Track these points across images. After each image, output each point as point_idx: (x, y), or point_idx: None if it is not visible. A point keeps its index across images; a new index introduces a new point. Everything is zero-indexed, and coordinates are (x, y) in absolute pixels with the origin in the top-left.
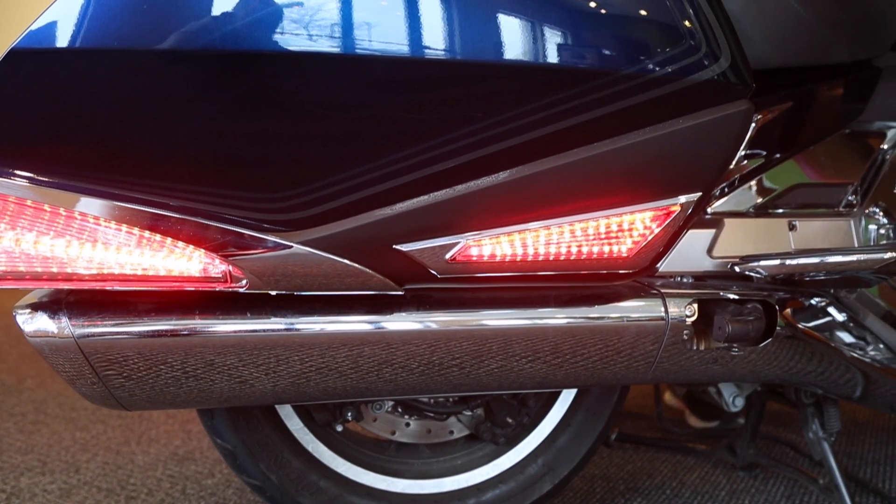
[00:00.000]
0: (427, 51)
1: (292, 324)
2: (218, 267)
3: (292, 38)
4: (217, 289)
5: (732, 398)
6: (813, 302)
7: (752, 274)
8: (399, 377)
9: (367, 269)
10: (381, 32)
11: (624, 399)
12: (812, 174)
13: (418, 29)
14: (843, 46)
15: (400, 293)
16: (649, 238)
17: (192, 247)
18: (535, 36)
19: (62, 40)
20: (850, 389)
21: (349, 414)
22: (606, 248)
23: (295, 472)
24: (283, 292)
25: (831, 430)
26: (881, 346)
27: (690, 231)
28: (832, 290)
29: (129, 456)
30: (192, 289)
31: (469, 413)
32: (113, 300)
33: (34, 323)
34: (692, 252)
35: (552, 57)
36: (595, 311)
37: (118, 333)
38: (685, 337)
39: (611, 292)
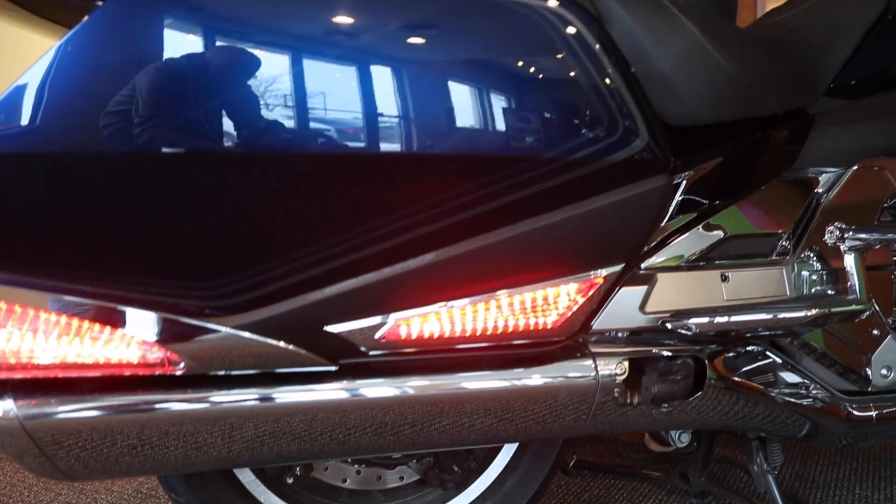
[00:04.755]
0: (349, 144)
1: (243, 395)
2: (155, 352)
3: (219, 136)
4: (156, 373)
5: (678, 434)
6: (747, 350)
7: (682, 331)
8: (352, 438)
9: (300, 350)
10: (300, 128)
11: (569, 443)
12: (745, 225)
13: (338, 122)
14: (773, 98)
15: (334, 369)
16: (574, 308)
17: (129, 334)
18: (455, 125)
19: None
20: (793, 431)
21: (297, 469)
22: (533, 321)
23: None
24: (222, 373)
25: (775, 464)
26: (820, 387)
27: (624, 288)
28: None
29: (93, 494)
30: (131, 374)
31: (417, 462)
32: (57, 381)
33: None
34: (625, 308)
35: (472, 145)
36: (527, 374)
37: (63, 413)
38: (616, 394)
39: (543, 354)
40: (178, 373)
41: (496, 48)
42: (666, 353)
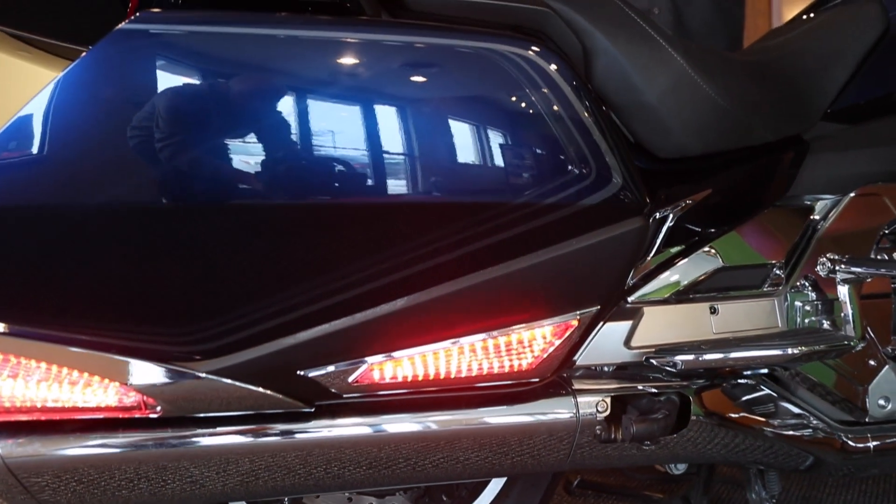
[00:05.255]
0: (323, 190)
1: (233, 433)
2: (132, 396)
3: (195, 187)
4: (134, 416)
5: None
6: (738, 383)
7: (667, 368)
8: (347, 472)
9: (274, 393)
10: (274, 177)
11: (562, 472)
12: (736, 256)
13: (312, 169)
14: (766, 127)
15: (309, 410)
16: (550, 350)
17: (106, 379)
18: (428, 171)
19: None
20: (793, 463)
21: (285, 500)
22: (508, 363)
23: None
24: (198, 415)
25: (773, 493)
26: (816, 418)
27: (609, 323)
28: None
29: None
30: (109, 417)
31: (409, 491)
32: (40, 423)
33: None
34: (610, 344)
35: (445, 190)
36: (506, 412)
37: (45, 453)
38: (598, 432)
39: (523, 392)
40: (154, 416)
41: (467, 95)
42: (650, 390)
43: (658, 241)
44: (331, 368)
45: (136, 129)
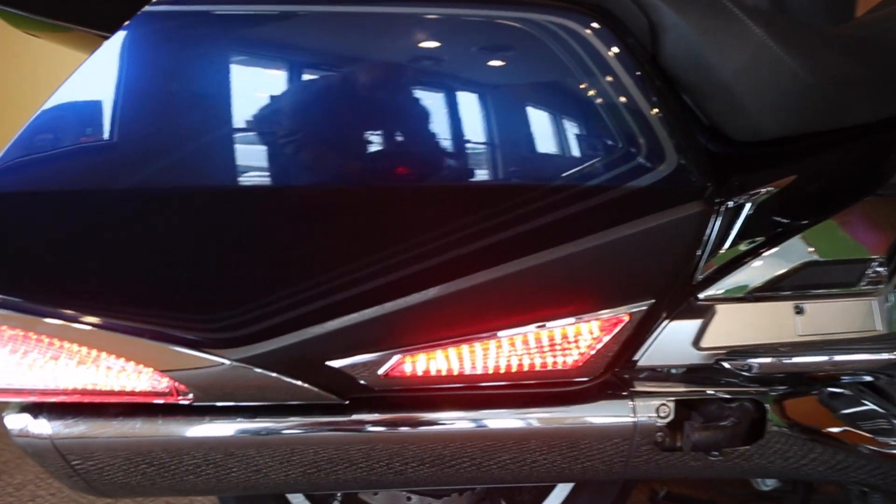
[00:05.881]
0: (361, 175)
1: (298, 424)
2: (164, 383)
3: (218, 173)
4: (165, 402)
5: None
6: (827, 392)
7: (741, 372)
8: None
9: (303, 384)
10: (301, 161)
11: (634, 481)
12: (827, 250)
13: (346, 153)
14: (862, 106)
15: (343, 403)
16: (598, 347)
17: (141, 365)
18: (464, 153)
19: (13, 184)
20: None
21: (338, 494)
22: (551, 360)
23: None
24: (230, 404)
25: None
26: None
27: (676, 321)
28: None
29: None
30: (143, 401)
31: (468, 492)
32: (87, 406)
33: (17, 425)
34: (676, 343)
35: (483, 172)
36: (556, 413)
37: (89, 434)
38: (658, 439)
39: (576, 392)
40: (186, 402)
41: (514, 71)
42: (720, 395)
43: (733, 232)
44: (359, 359)
45: (166, 112)
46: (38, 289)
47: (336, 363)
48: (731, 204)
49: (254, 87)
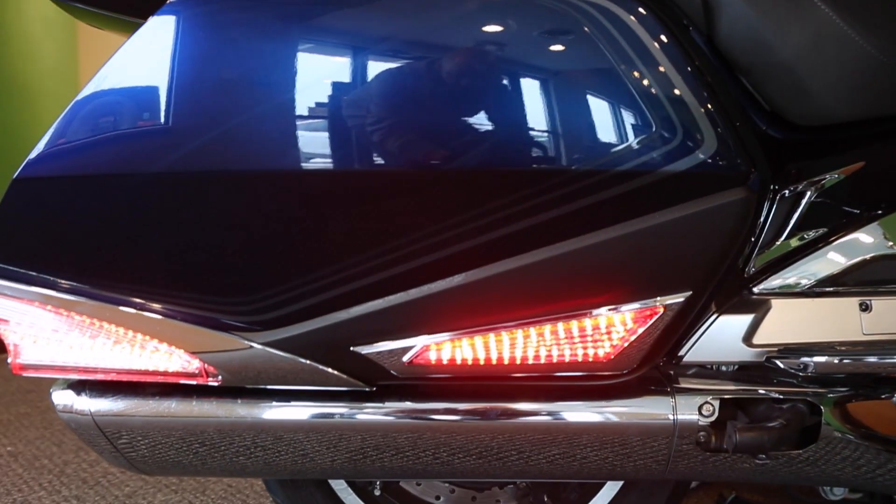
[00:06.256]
0: (388, 160)
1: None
2: (194, 364)
3: (249, 157)
4: (195, 383)
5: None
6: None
7: (796, 371)
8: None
9: (327, 369)
10: (330, 144)
11: (686, 483)
12: None
13: (376, 139)
14: None
15: (369, 390)
16: (632, 339)
17: (172, 346)
18: (492, 137)
19: (55, 169)
20: None
21: (377, 482)
22: (581, 351)
23: None
24: (258, 386)
25: None
26: None
27: (726, 315)
28: None
29: (251, 483)
30: (174, 382)
31: (511, 487)
32: (126, 385)
33: (62, 401)
34: (726, 339)
35: (510, 157)
36: (595, 408)
37: (126, 412)
38: (701, 439)
39: (614, 386)
40: (215, 384)
41: (526, 50)
42: (771, 395)
43: (791, 222)
44: (385, 346)
45: (196, 97)
46: (77, 271)
47: (361, 349)
48: (787, 193)
49: (278, 70)
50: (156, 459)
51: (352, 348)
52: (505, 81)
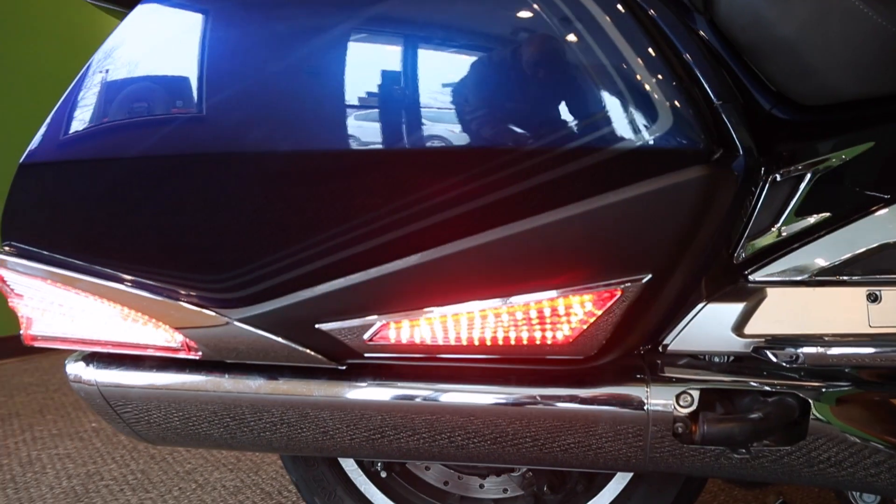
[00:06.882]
0: (348, 140)
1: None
2: (177, 338)
3: (219, 139)
4: (178, 356)
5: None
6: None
7: (787, 363)
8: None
9: (297, 346)
10: (296, 127)
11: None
12: None
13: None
14: None
15: (340, 368)
16: (591, 322)
17: (160, 322)
18: (450, 116)
19: (50, 154)
20: None
21: (378, 462)
22: (539, 334)
23: None
24: (238, 361)
25: None
26: None
27: (718, 303)
28: None
29: None
30: (164, 355)
31: (516, 475)
32: (130, 357)
33: (73, 371)
34: (716, 328)
35: (462, 136)
36: (565, 393)
37: (127, 383)
38: (679, 430)
39: (587, 371)
40: (196, 357)
41: (469, 25)
42: (756, 387)
43: (790, 207)
44: (345, 324)
45: (160, 83)
46: (74, 249)
47: (325, 326)
48: (781, 175)
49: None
50: (158, 429)
51: (316, 325)
52: (454, 58)
